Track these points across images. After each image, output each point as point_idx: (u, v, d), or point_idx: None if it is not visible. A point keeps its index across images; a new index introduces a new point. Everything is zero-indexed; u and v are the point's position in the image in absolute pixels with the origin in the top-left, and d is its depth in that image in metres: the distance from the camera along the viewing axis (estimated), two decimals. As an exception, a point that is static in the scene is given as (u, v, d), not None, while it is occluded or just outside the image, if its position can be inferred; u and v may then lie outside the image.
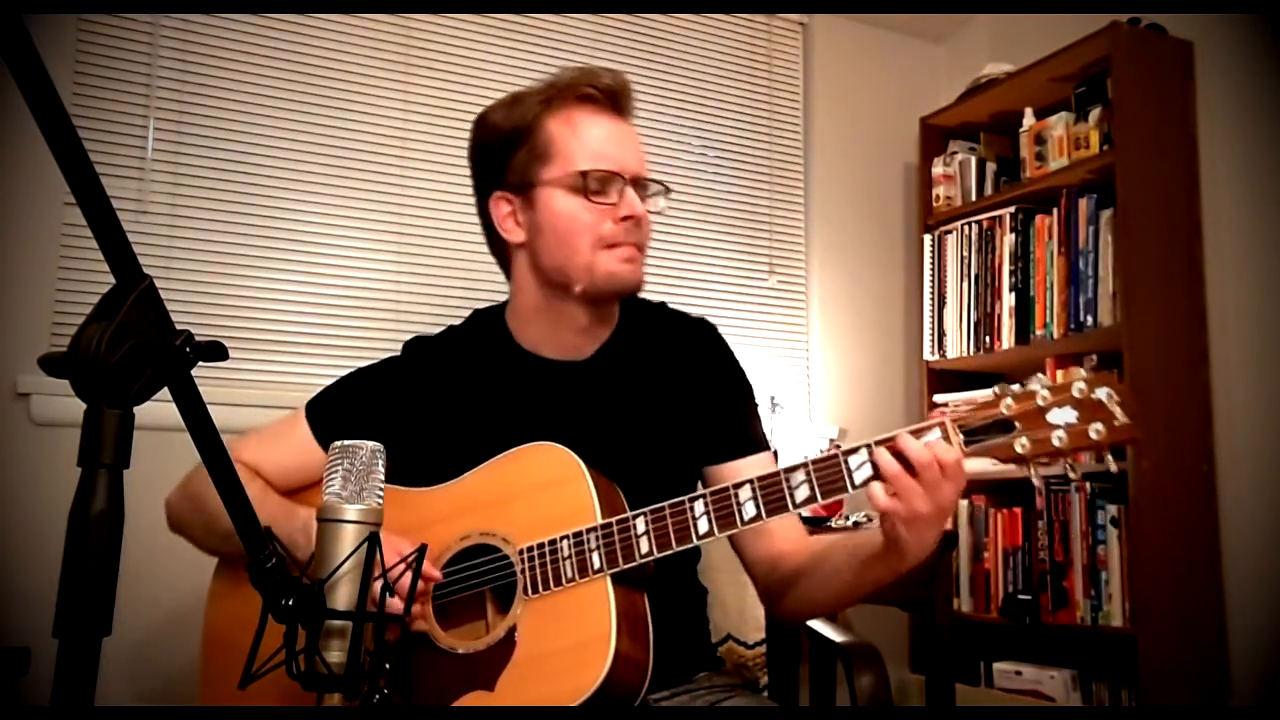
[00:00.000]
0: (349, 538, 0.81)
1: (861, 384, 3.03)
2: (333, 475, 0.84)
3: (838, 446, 1.09)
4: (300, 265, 2.40)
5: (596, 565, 1.07)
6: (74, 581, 0.59)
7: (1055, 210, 2.62)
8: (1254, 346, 2.37)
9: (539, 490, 1.15)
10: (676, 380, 1.32)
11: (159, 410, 0.70)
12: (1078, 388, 0.97)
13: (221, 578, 1.31)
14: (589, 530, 1.09)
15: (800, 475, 1.04)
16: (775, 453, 1.41)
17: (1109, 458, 0.98)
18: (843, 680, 1.60)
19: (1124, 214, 2.40)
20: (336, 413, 1.29)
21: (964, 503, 2.81)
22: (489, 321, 1.36)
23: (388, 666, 0.81)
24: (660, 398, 1.30)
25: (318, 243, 2.42)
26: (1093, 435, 0.96)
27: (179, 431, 0.70)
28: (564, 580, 1.09)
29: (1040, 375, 1.01)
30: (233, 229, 2.33)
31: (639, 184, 1.26)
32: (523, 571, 1.11)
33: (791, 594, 1.23)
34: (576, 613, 1.07)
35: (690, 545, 1.07)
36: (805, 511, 1.08)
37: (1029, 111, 2.75)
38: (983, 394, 2.87)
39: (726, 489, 1.07)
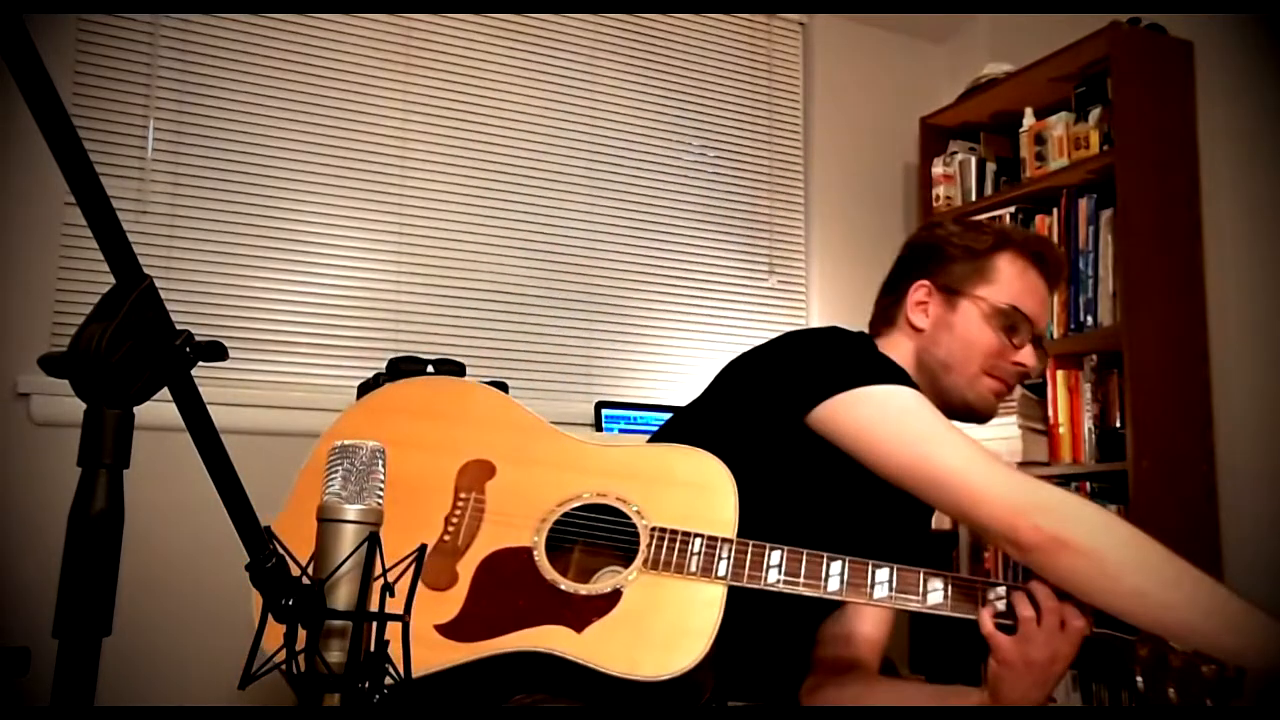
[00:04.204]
0: (349, 538, 0.81)
1: (861, 384, 3.03)
2: (333, 475, 0.84)
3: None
4: (300, 265, 2.40)
5: (720, 572, 1.12)
6: (74, 581, 0.59)
7: (1055, 210, 2.62)
8: (1254, 346, 2.37)
9: (687, 487, 1.19)
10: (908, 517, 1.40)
11: (159, 410, 0.70)
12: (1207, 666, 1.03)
13: None
14: (724, 540, 1.14)
15: (938, 582, 1.10)
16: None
17: (1209, 698, 1.03)
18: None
19: (1124, 214, 2.40)
20: None
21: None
22: None
23: (388, 667, 0.81)
24: (891, 504, 1.35)
25: (318, 243, 2.42)
26: (1204, 669, 1.02)
27: (179, 431, 0.70)
28: (686, 570, 1.13)
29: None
30: (233, 229, 2.34)
31: (1038, 344, 1.37)
32: (648, 545, 1.15)
33: (834, 693, 1.29)
34: (686, 603, 1.11)
35: (813, 594, 1.12)
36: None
37: (1029, 111, 2.74)
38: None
39: (866, 563, 1.12)
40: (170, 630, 2.13)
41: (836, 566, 1.12)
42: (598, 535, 1.20)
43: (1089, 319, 2.48)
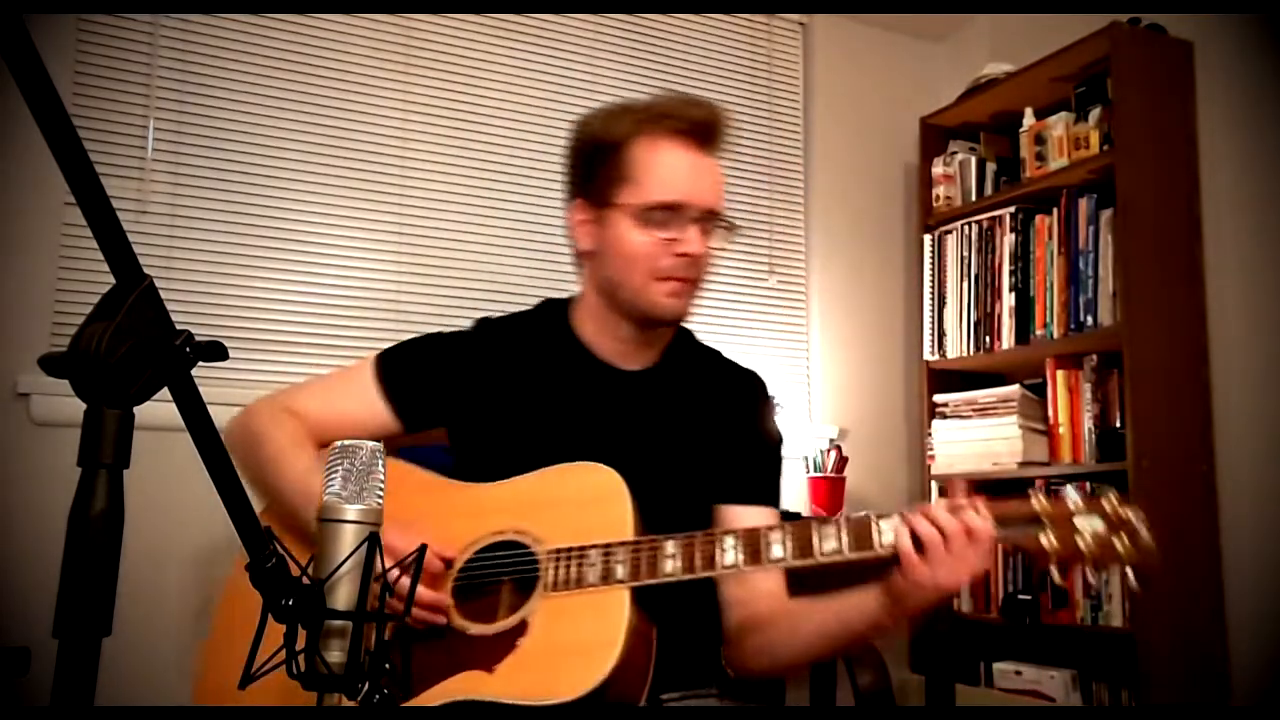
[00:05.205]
0: (349, 538, 0.81)
1: (861, 384, 3.03)
2: (333, 475, 0.84)
3: (839, 447, 1.15)
4: (300, 265, 2.40)
5: (620, 576, 1.11)
6: (74, 581, 0.59)
7: (1055, 210, 2.62)
8: (1254, 346, 2.37)
9: (581, 505, 1.19)
10: (713, 414, 1.38)
11: (159, 410, 0.70)
12: (1108, 503, 1.06)
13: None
14: (620, 544, 1.13)
15: (830, 529, 1.10)
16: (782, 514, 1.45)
17: (1130, 573, 1.05)
18: (842, 678, 1.60)
19: (1124, 214, 2.40)
20: (409, 372, 1.34)
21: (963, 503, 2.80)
22: (556, 312, 1.42)
23: (388, 666, 0.81)
24: (695, 424, 1.36)
25: (318, 243, 2.42)
26: (1118, 546, 1.04)
27: (179, 431, 0.70)
28: (586, 584, 1.12)
29: (1070, 488, 1.09)
30: (233, 229, 2.33)
31: (708, 218, 1.28)
32: (546, 569, 1.14)
33: (761, 638, 1.27)
34: (591, 616, 1.10)
35: (713, 574, 1.12)
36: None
37: (1029, 111, 2.74)
38: (984, 394, 2.86)
39: (758, 530, 1.12)
40: (170, 630, 2.13)
41: (729, 542, 1.12)
42: (501, 571, 1.18)
43: (1089, 319, 2.48)
